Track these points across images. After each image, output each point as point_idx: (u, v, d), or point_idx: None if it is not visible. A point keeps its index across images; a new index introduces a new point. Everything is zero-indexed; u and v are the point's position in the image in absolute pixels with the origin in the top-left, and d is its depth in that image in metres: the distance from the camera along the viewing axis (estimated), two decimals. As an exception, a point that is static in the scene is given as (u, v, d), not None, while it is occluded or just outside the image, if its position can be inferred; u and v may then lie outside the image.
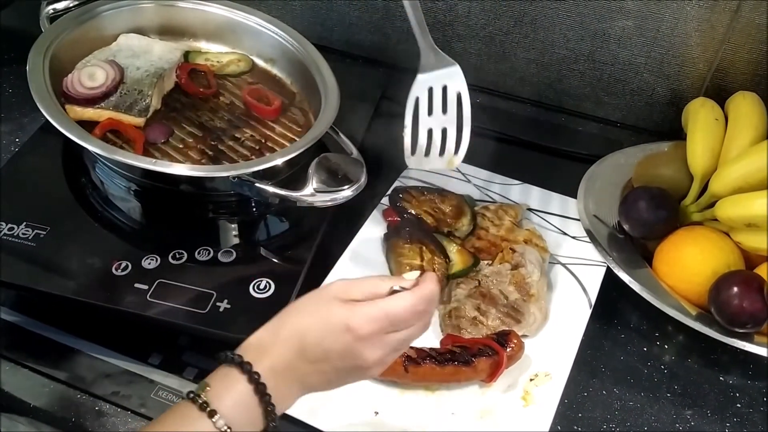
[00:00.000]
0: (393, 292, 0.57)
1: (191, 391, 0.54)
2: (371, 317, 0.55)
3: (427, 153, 0.77)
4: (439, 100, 0.77)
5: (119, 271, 0.73)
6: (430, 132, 0.77)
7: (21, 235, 0.76)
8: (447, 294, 0.78)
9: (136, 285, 0.72)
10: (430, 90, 0.77)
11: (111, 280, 0.73)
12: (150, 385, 0.71)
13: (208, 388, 0.54)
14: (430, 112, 0.77)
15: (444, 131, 0.77)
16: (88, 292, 0.72)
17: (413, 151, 0.77)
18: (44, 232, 0.77)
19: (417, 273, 0.59)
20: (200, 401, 0.53)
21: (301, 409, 0.67)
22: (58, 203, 0.81)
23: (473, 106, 0.77)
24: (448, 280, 0.79)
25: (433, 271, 0.79)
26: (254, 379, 0.54)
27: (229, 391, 0.54)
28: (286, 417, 0.67)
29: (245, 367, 0.54)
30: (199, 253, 0.76)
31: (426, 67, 0.77)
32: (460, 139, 0.77)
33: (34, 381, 0.71)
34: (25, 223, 0.77)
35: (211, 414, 0.52)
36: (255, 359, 0.55)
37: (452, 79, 0.77)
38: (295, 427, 0.67)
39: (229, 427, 0.53)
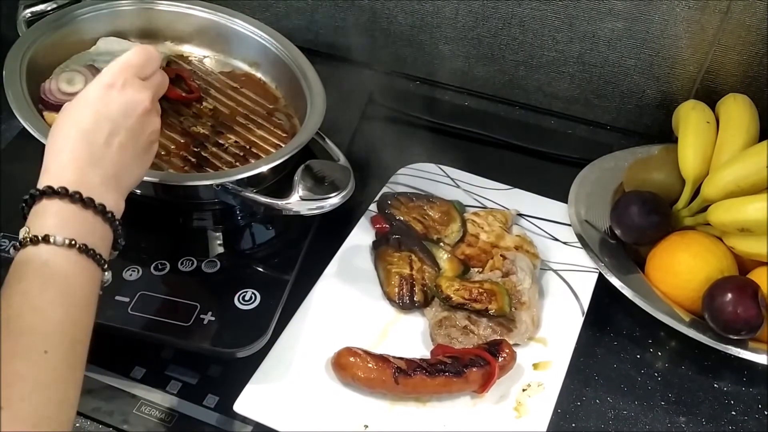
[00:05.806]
0: None
1: (16, 243, 0.53)
2: (112, 70, 0.59)
3: None
4: None
5: (99, 282, 0.71)
6: None
7: (-3, 246, 0.74)
8: (437, 303, 0.76)
9: (117, 297, 0.70)
10: None
11: (91, 293, 0.70)
12: (132, 401, 0.69)
13: (27, 229, 0.52)
14: None
15: None
16: (67, 305, 0.70)
17: None
18: (22, 243, 0.74)
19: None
20: (29, 240, 0.51)
21: (288, 423, 0.65)
22: (37, 213, 0.79)
23: (462, 109, 0.75)
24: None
25: (423, 279, 0.77)
26: (59, 191, 0.53)
27: (46, 217, 0.52)
28: (273, 432, 0.65)
29: (46, 192, 0.53)
30: (182, 263, 0.75)
31: None
32: None
33: (11, 398, 0.69)
34: (2, 233, 0.75)
35: (46, 239, 0.51)
36: (53, 180, 0.54)
37: None
38: (282, 443, 0.66)
39: (72, 239, 0.51)
